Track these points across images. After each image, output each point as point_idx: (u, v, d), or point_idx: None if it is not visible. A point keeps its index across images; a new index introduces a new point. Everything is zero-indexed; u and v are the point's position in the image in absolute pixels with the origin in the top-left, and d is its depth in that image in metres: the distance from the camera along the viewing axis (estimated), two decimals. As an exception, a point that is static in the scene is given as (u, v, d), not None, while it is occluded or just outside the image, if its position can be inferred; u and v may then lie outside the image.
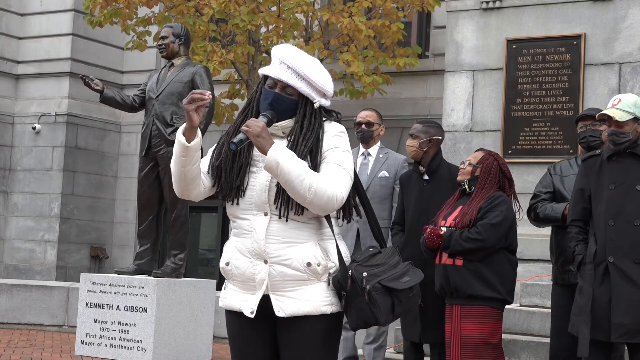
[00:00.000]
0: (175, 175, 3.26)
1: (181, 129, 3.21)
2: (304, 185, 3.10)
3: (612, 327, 4.62)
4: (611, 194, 4.74)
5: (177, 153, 3.21)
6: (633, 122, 4.75)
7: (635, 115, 4.74)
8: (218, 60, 11.52)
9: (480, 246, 5.17)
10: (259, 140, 3.13)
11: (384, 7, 12.11)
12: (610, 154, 4.82)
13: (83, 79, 7.70)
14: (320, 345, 3.25)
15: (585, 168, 4.94)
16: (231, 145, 3.15)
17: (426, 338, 5.75)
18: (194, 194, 3.31)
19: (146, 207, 7.76)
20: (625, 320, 4.60)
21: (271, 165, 3.10)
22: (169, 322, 7.38)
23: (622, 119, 4.73)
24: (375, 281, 3.19)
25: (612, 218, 4.70)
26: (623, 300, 4.62)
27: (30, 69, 15.55)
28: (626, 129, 4.74)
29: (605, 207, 4.74)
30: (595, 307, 4.68)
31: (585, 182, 4.89)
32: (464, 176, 5.41)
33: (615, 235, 4.68)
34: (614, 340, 4.67)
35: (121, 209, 15.65)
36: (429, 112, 12.73)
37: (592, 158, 4.94)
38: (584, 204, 4.88)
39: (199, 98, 3.13)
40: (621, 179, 4.74)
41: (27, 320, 9.57)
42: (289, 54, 3.28)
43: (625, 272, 4.63)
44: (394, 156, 6.71)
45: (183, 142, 3.18)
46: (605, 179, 4.79)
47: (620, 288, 4.64)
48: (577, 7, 8.40)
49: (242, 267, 3.26)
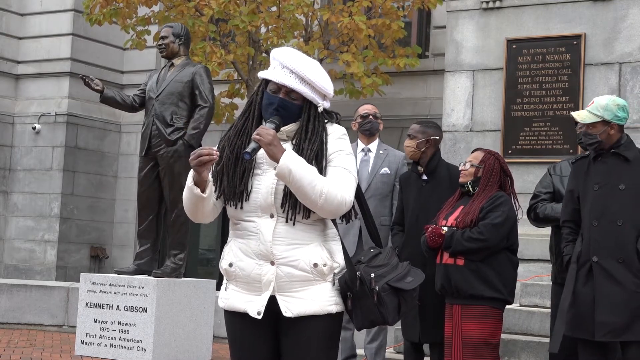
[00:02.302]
0: (190, 212, 3.35)
1: (191, 176, 3.23)
2: (316, 191, 3.13)
3: (597, 326, 4.70)
4: (595, 195, 4.82)
5: (191, 200, 3.27)
6: (602, 125, 4.84)
7: (603, 118, 4.82)
8: (217, 62, 11.52)
9: (482, 246, 5.18)
10: (271, 148, 3.15)
11: (384, 6, 12.10)
12: (595, 155, 4.90)
13: (83, 79, 7.70)
14: (324, 344, 3.28)
15: (574, 170, 5.05)
16: (245, 156, 3.16)
17: (426, 338, 5.75)
18: (210, 220, 3.39)
19: (146, 207, 7.76)
20: (610, 319, 4.68)
21: (284, 173, 3.12)
22: (168, 322, 7.38)
23: (585, 120, 4.86)
24: (383, 282, 3.23)
25: (596, 218, 4.78)
26: (607, 299, 4.69)
27: (30, 69, 15.55)
28: (594, 131, 4.84)
29: (590, 207, 4.82)
30: (580, 306, 4.76)
31: (575, 184, 4.98)
32: (467, 178, 5.40)
33: (599, 235, 4.76)
34: (598, 339, 4.74)
35: (121, 209, 15.65)
36: (429, 112, 12.72)
37: (582, 160, 5.03)
38: (574, 205, 4.97)
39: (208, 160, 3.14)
40: (605, 180, 4.83)
41: (27, 320, 9.57)
42: (291, 58, 3.28)
43: (609, 271, 4.71)
44: (393, 153, 6.72)
45: (199, 194, 3.23)
46: (590, 180, 4.87)
47: (604, 287, 4.71)
48: (577, 7, 8.40)
49: (247, 268, 3.26)
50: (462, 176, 5.43)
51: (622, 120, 4.88)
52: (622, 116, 4.87)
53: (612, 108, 4.85)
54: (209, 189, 3.24)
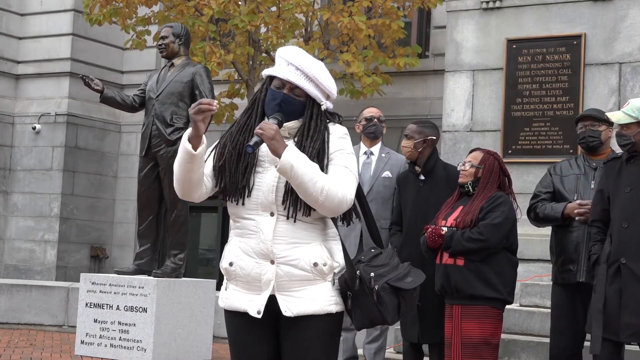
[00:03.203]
0: (178, 179, 3.27)
1: (186, 134, 3.20)
2: (317, 188, 3.13)
3: (622, 327, 4.67)
4: (627, 197, 4.80)
5: (182, 159, 3.21)
6: (637, 126, 4.80)
7: (638, 119, 4.79)
8: (216, 62, 11.52)
9: (482, 246, 5.18)
10: (273, 143, 3.14)
11: (384, 6, 12.11)
12: (628, 156, 4.88)
13: (83, 79, 7.70)
14: (324, 343, 3.28)
15: (606, 170, 5.02)
16: (248, 149, 3.16)
17: (425, 338, 5.75)
18: (197, 196, 3.32)
19: (146, 207, 7.76)
20: (635, 320, 4.65)
21: (285, 168, 3.12)
22: (168, 322, 7.38)
23: (620, 121, 4.83)
24: (382, 281, 3.23)
25: (626, 220, 4.76)
26: (633, 300, 4.67)
27: (30, 69, 15.55)
28: (628, 132, 4.81)
29: (621, 209, 4.80)
30: (607, 306, 4.74)
31: (605, 184, 4.96)
32: (468, 178, 5.39)
33: (629, 237, 4.74)
34: (622, 340, 4.73)
35: (121, 209, 15.65)
36: (429, 112, 12.72)
37: (614, 160, 5.00)
38: (603, 205, 4.94)
39: (207, 109, 3.14)
40: (637, 182, 4.80)
41: (27, 320, 9.57)
42: (297, 56, 3.30)
43: (637, 273, 4.69)
44: (396, 156, 6.72)
45: (189, 149, 3.18)
46: (622, 182, 4.85)
47: (630, 288, 4.69)
48: (577, 7, 8.40)
49: (247, 267, 3.26)
50: (462, 177, 5.42)
51: None
52: None
53: None
54: (201, 148, 3.20)
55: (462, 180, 5.40)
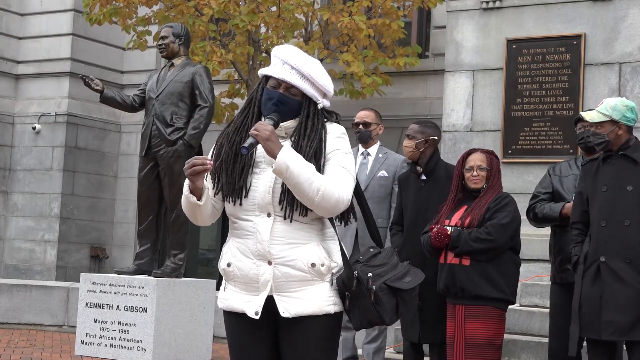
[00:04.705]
0: (190, 217, 3.36)
1: (186, 186, 3.25)
2: (313, 188, 3.12)
3: (603, 325, 4.73)
4: (603, 196, 4.87)
5: (189, 208, 3.30)
6: (610, 124, 4.88)
7: (611, 118, 4.85)
8: (217, 61, 11.52)
9: (490, 246, 5.18)
10: (268, 144, 3.14)
11: (384, 6, 12.10)
12: (604, 156, 4.95)
13: (83, 79, 7.70)
14: (323, 344, 3.27)
15: (584, 171, 5.09)
16: (243, 150, 3.16)
17: (425, 338, 5.75)
18: (212, 221, 3.40)
19: (146, 207, 7.76)
20: (616, 318, 4.71)
21: (281, 169, 3.11)
22: (168, 322, 7.38)
23: (593, 120, 4.91)
24: (380, 281, 3.22)
25: (604, 219, 4.83)
26: (613, 298, 4.73)
27: (30, 69, 15.55)
28: (602, 131, 4.89)
29: (598, 208, 4.87)
30: (587, 305, 4.80)
31: (584, 185, 5.03)
32: (482, 183, 5.37)
33: (607, 236, 4.81)
34: (604, 338, 4.78)
35: (121, 209, 15.65)
36: (429, 112, 12.72)
37: (591, 162, 5.08)
38: (582, 207, 5.01)
39: (202, 169, 3.16)
40: (613, 181, 4.87)
41: (27, 320, 9.57)
42: (292, 55, 3.28)
43: (616, 271, 4.75)
44: (393, 156, 6.72)
45: (195, 202, 3.25)
46: (599, 182, 4.92)
47: (611, 287, 4.75)
48: (577, 7, 8.40)
49: (244, 268, 3.25)
50: (475, 182, 5.37)
51: (630, 121, 4.91)
52: (631, 117, 4.90)
53: (620, 108, 4.89)
54: (205, 196, 3.25)
55: (477, 186, 5.37)
